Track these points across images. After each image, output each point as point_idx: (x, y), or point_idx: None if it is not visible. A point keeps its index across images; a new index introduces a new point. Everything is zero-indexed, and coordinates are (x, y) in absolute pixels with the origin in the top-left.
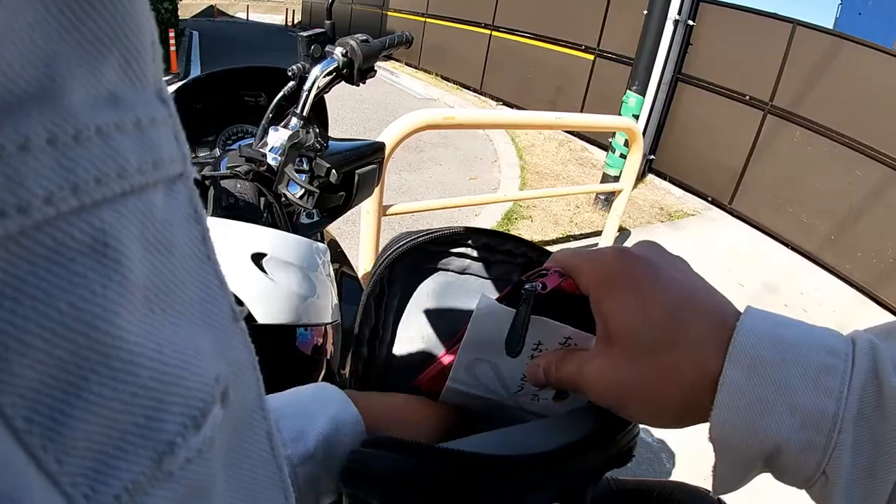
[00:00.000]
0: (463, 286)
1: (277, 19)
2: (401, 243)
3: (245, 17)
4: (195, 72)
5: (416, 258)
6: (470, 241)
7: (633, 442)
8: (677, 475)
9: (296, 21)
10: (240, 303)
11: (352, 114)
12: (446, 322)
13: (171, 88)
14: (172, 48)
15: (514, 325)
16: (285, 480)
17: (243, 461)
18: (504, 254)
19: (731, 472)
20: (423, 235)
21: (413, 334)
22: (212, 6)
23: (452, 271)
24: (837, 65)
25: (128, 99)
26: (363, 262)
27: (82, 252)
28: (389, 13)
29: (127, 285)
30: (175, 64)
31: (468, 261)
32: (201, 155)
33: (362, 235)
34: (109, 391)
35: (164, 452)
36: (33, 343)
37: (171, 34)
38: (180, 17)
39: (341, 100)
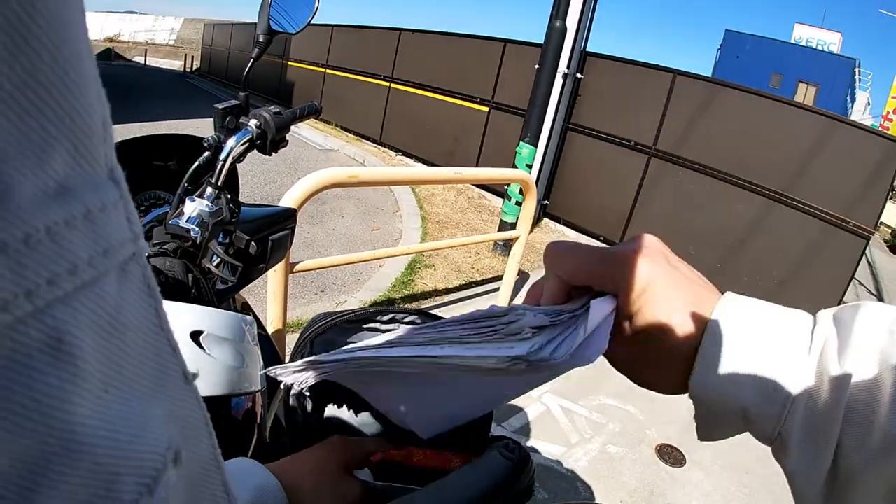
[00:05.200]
0: None
1: (176, 65)
2: (319, 323)
3: (143, 62)
4: None
5: (332, 334)
6: (378, 317)
7: (531, 480)
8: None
9: (194, 68)
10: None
11: (253, 167)
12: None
13: None
14: None
15: None
16: None
17: None
18: (409, 324)
19: (708, 423)
20: (337, 317)
21: (338, 399)
22: (109, 49)
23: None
24: (715, 108)
25: (77, 188)
26: (272, 320)
27: (39, 350)
28: (290, 63)
29: (81, 374)
30: None
31: (378, 334)
32: None
33: (269, 294)
34: (70, 469)
35: None
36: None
37: None
38: None
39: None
